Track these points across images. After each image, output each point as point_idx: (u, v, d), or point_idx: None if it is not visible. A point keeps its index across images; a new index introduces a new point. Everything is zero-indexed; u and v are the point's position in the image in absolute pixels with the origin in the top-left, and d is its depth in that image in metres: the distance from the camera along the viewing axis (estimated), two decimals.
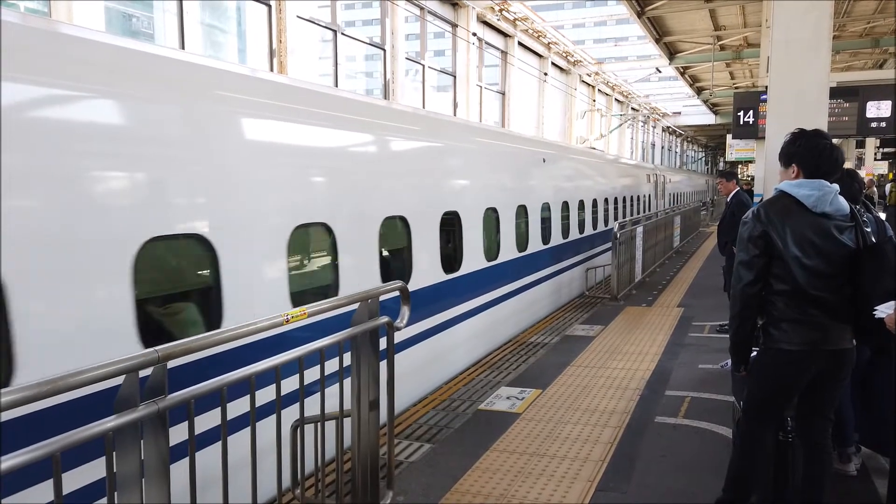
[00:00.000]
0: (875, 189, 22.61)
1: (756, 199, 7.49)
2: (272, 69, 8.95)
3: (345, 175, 4.79)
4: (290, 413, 2.94)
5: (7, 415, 1.70)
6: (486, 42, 15.68)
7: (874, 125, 11.22)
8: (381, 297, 3.33)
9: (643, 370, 6.18)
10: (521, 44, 17.39)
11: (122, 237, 3.03)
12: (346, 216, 4.69)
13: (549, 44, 19.20)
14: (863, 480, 3.81)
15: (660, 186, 20.40)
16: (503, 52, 16.86)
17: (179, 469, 2.25)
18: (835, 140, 4.61)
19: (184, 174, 3.40)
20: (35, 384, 1.70)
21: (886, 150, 25.95)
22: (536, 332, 8.10)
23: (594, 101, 24.67)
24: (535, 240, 8.91)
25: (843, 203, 2.97)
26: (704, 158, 57.62)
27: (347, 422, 3.22)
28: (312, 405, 2.99)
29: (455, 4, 14.07)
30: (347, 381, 3.19)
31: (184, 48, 7.62)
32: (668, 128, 38.92)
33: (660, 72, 22.59)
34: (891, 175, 26.36)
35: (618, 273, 9.91)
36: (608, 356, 6.71)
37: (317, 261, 4.64)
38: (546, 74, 19.42)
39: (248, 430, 2.51)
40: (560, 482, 3.90)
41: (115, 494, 1.94)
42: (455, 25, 14.22)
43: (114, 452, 1.92)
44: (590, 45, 28.69)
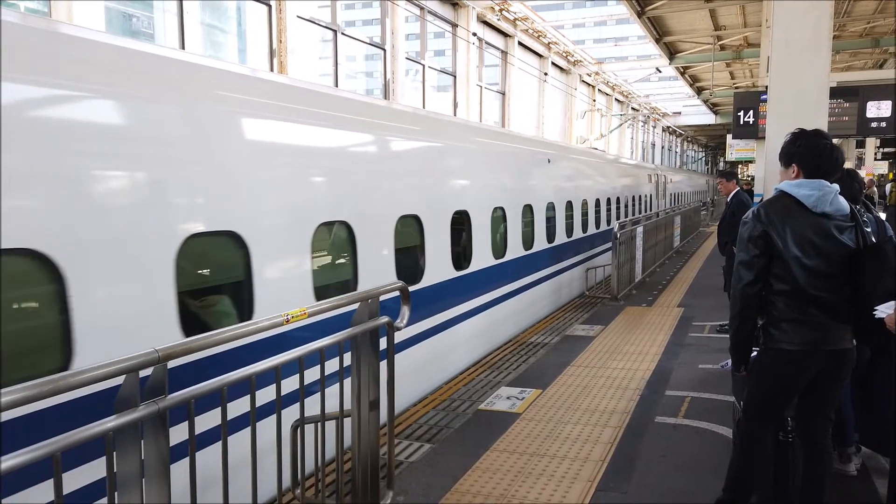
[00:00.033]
0: (875, 189, 22.62)
1: (756, 199, 7.49)
2: (272, 69, 8.95)
3: (365, 176, 5.04)
4: (291, 413, 2.94)
5: (7, 415, 1.70)
6: (486, 42, 15.67)
7: (874, 125, 11.22)
8: (382, 298, 3.34)
9: (643, 370, 6.18)
10: (522, 44, 17.38)
11: (166, 234, 3.26)
12: (365, 215, 4.91)
13: (550, 44, 19.20)
14: (863, 480, 3.81)
15: (661, 186, 20.44)
16: (503, 52, 16.86)
17: (179, 469, 2.25)
18: (835, 140, 4.61)
19: (220, 175, 3.64)
20: (35, 384, 1.69)
21: (886, 150, 25.96)
22: (537, 332, 8.11)
23: (594, 101, 24.67)
24: (541, 238, 9.10)
25: (844, 203, 2.97)
26: (704, 158, 57.61)
27: (347, 422, 3.22)
28: (312, 405, 2.99)
29: (455, 4, 14.07)
30: (347, 381, 3.19)
31: (184, 48, 7.62)
32: (668, 128, 38.92)
33: (660, 72, 22.61)
34: (891, 175, 26.36)
35: (618, 273, 9.92)
36: (608, 356, 6.71)
37: (338, 257, 4.85)
38: (546, 74, 19.42)
39: (249, 430, 2.51)
40: (560, 482, 3.90)
41: (116, 494, 1.94)
42: (455, 25, 14.22)
43: (114, 452, 1.92)
44: (590, 45, 28.73)
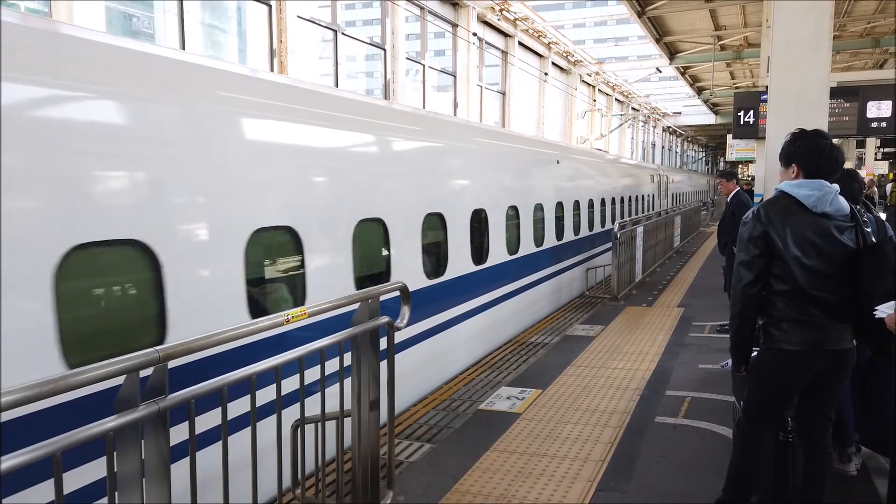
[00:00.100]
0: (875, 189, 22.61)
1: (756, 199, 7.49)
2: (272, 69, 8.95)
3: (399, 177, 5.56)
4: (291, 413, 2.94)
5: (7, 415, 1.70)
6: (487, 42, 15.67)
7: (874, 125, 11.22)
8: (382, 298, 3.34)
9: (643, 370, 6.18)
10: (522, 44, 17.38)
11: (238, 228, 3.65)
12: (398, 212, 5.38)
13: (550, 44, 19.20)
14: (863, 480, 3.81)
15: (663, 187, 20.52)
16: (503, 52, 16.85)
17: (180, 469, 2.25)
18: (835, 140, 4.62)
19: (280, 174, 4.05)
20: (36, 384, 1.69)
21: (887, 150, 25.99)
22: (537, 332, 8.11)
23: (594, 101, 24.67)
24: (550, 236, 9.47)
25: (844, 203, 2.97)
26: (705, 158, 57.60)
27: (348, 422, 3.22)
28: (313, 405, 2.99)
29: (455, 4, 14.06)
30: (348, 381, 3.19)
31: (184, 48, 7.62)
32: (669, 128, 38.91)
33: (660, 72, 22.60)
34: (891, 175, 26.34)
35: (618, 273, 9.92)
36: (608, 356, 6.71)
37: (374, 250, 5.27)
38: (546, 74, 19.42)
39: (249, 430, 2.52)
40: (560, 482, 3.90)
41: (116, 494, 1.94)
42: (455, 25, 14.22)
43: (114, 452, 1.92)
44: (590, 45, 28.70)
